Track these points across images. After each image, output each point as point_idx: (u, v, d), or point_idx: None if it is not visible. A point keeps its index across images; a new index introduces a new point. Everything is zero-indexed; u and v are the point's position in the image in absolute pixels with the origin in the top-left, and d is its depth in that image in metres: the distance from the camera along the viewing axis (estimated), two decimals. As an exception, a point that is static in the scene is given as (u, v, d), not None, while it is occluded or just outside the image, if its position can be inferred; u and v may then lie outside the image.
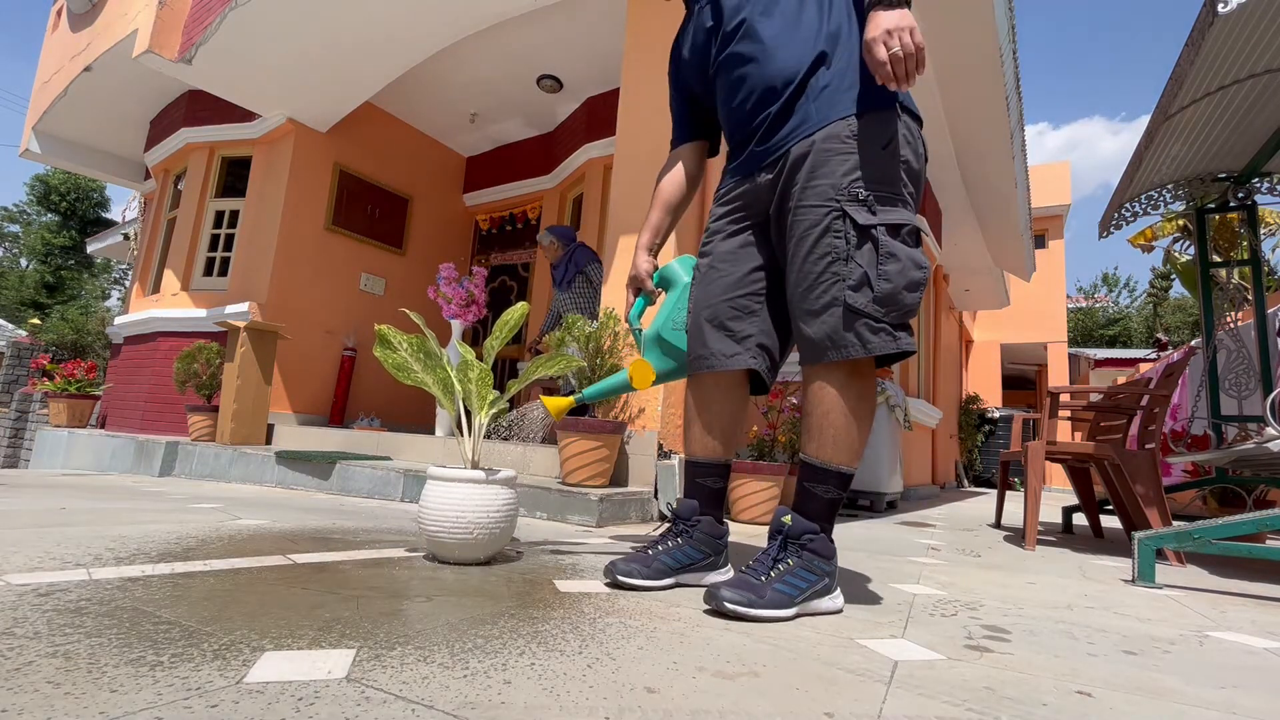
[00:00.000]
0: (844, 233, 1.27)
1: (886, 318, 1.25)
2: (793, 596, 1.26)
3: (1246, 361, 3.40)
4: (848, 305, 1.26)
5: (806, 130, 1.35)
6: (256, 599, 1.14)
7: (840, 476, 1.33)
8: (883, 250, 1.25)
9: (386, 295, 6.09)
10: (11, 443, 7.19)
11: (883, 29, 1.20)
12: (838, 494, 1.33)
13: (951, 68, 4.63)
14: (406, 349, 1.65)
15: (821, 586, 1.30)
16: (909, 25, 1.19)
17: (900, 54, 1.18)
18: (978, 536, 3.20)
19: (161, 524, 1.92)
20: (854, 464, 1.33)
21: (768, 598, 1.23)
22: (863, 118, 1.31)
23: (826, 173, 1.30)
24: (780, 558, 1.30)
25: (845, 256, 1.26)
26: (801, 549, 1.31)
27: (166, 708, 0.68)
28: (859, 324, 1.26)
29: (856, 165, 1.29)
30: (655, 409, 3.03)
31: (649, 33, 3.45)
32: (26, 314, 24.72)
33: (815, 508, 1.33)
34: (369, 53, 4.61)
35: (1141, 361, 12.57)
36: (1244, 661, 1.19)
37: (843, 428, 1.31)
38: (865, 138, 1.30)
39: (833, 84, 1.34)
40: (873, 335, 1.26)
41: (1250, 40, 2.57)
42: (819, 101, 1.34)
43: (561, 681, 0.85)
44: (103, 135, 7.00)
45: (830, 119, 1.33)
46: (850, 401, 1.31)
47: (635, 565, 1.42)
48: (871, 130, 1.31)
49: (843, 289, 1.26)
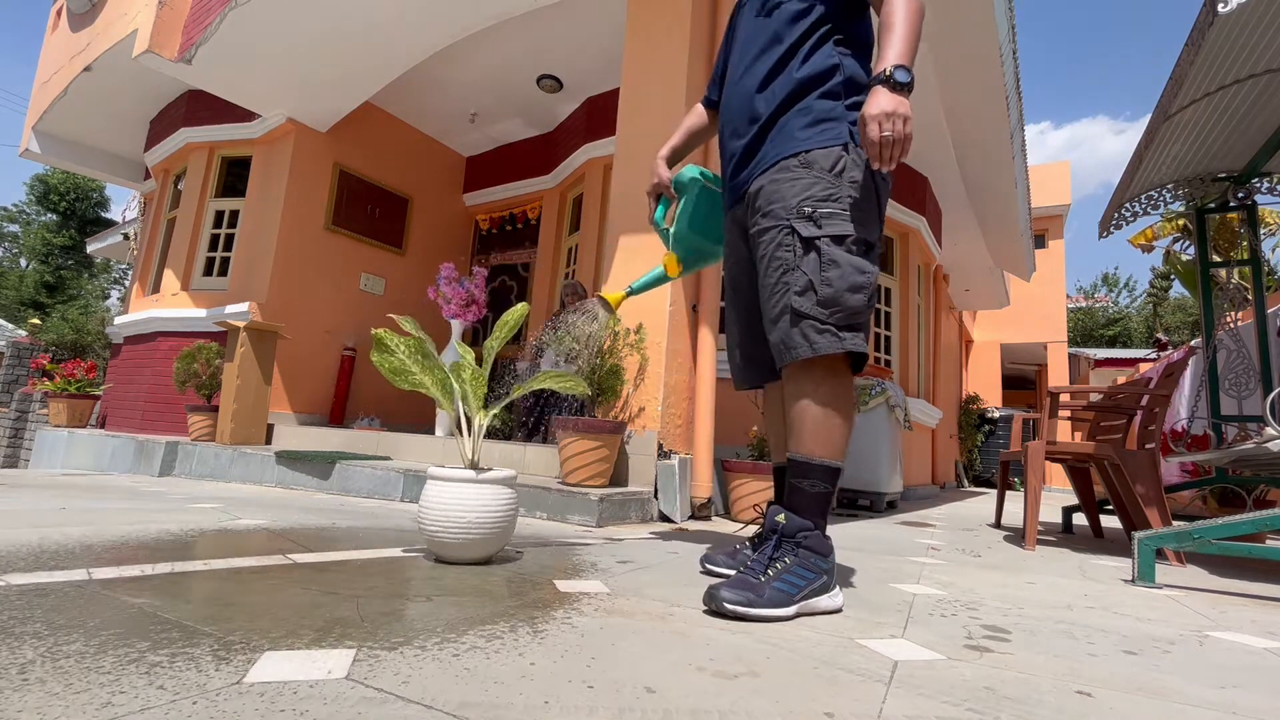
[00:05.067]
0: (792, 246, 1.39)
1: (831, 319, 1.35)
2: (791, 595, 1.27)
3: (1246, 361, 3.40)
4: (794, 309, 1.37)
5: (762, 167, 1.49)
6: (256, 599, 1.14)
7: (825, 470, 1.37)
8: (825, 258, 1.36)
9: (386, 295, 6.09)
10: (11, 442, 7.19)
11: (881, 110, 1.28)
12: (825, 488, 1.37)
13: (951, 68, 4.63)
14: (404, 351, 1.65)
15: (820, 584, 1.32)
16: (904, 114, 1.28)
17: (890, 139, 1.28)
18: (978, 536, 3.20)
19: (161, 524, 1.92)
20: (837, 458, 1.39)
21: (767, 596, 1.24)
22: (812, 150, 1.43)
23: (779, 197, 1.43)
24: (776, 556, 1.32)
25: (793, 266, 1.39)
26: (797, 546, 1.33)
27: (166, 707, 0.68)
28: (805, 325, 1.36)
29: (806, 187, 1.40)
30: (655, 409, 3.03)
31: (649, 33, 3.45)
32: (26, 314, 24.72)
33: (804, 502, 1.37)
34: (369, 52, 4.61)
35: (1141, 361, 12.56)
36: (1244, 661, 1.19)
37: (820, 422, 1.37)
38: (815, 163, 1.42)
39: (792, 123, 1.46)
40: (818, 336, 1.35)
41: (1250, 40, 2.57)
42: (777, 141, 1.48)
43: (561, 681, 0.85)
44: (102, 135, 7.00)
45: (784, 155, 1.45)
46: (824, 398, 1.38)
47: (723, 557, 1.63)
48: (821, 158, 1.42)
49: (790, 295, 1.38)
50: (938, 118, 5.33)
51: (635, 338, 3.06)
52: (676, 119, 3.20)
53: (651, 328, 3.09)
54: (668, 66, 3.32)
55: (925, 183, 6.58)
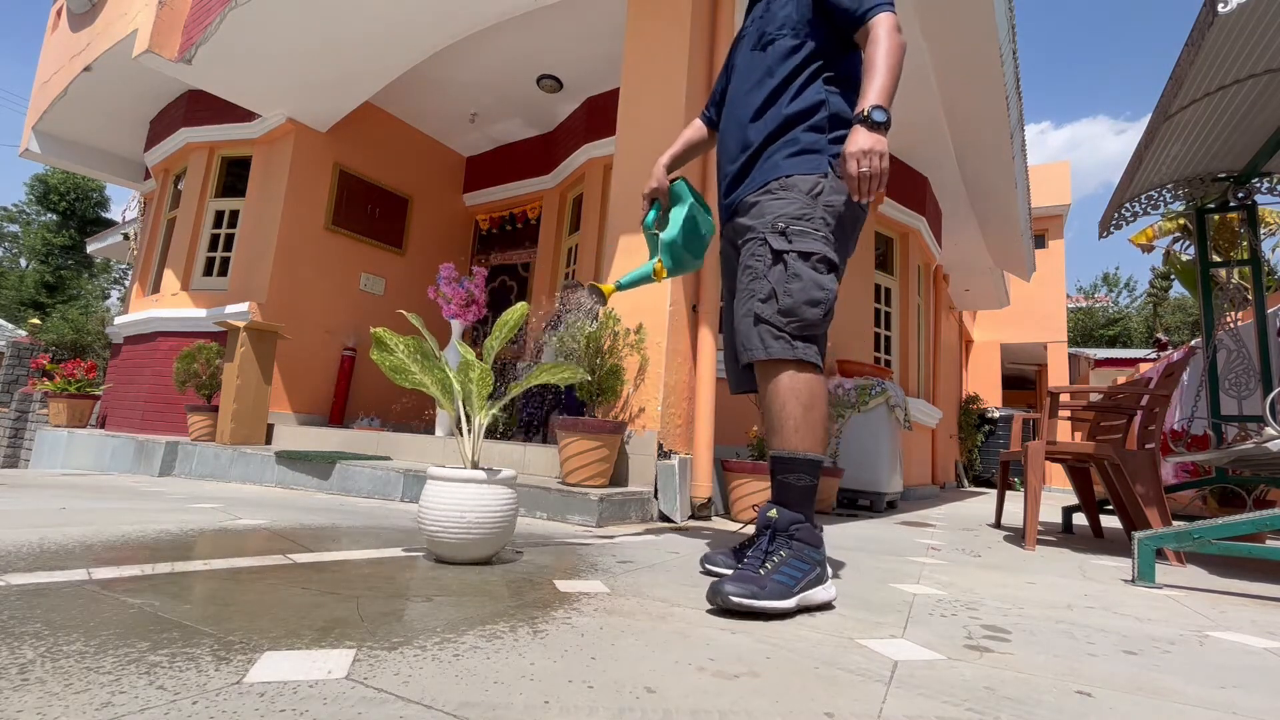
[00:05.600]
0: (763, 256, 1.53)
1: (787, 328, 1.47)
2: (791, 586, 1.32)
3: (1246, 361, 3.40)
4: (756, 314, 1.51)
5: (751, 189, 1.63)
6: (256, 599, 1.14)
7: (809, 463, 1.46)
8: (790, 271, 1.48)
9: (386, 295, 6.09)
10: (11, 442, 7.19)
11: (859, 148, 1.39)
12: (810, 480, 1.46)
13: (952, 68, 4.63)
14: (403, 350, 1.65)
15: (814, 576, 1.37)
16: (881, 150, 1.39)
17: (868, 174, 1.39)
18: (978, 536, 3.20)
19: (161, 524, 1.92)
20: (819, 450, 1.47)
21: (769, 589, 1.29)
22: (793, 175, 1.56)
23: (760, 213, 1.57)
24: (772, 550, 1.38)
25: (761, 275, 1.52)
26: (791, 539, 1.40)
27: (166, 707, 0.68)
28: (762, 329, 1.49)
29: (783, 206, 1.54)
30: (655, 409, 3.03)
31: (649, 33, 3.45)
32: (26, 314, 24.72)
33: (793, 496, 1.45)
34: (369, 52, 4.61)
35: (1141, 361, 12.57)
36: (1244, 661, 1.19)
37: (800, 417, 1.46)
38: (794, 186, 1.55)
39: (778, 153, 1.59)
40: (774, 341, 1.48)
41: (1250, 40, 2.57)
42: (765, 167, 1.61)
43: (561, 681, 0.85)
44: (103, 135, 6.99)
45: (770, 179, 1.59)
46: (803, 396, 1.47)
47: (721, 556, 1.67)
48: (800, 182, 1.55)
49: (754, 300, 1.52)
50: (938, 118, 5.33)
51: (635, 337, 3.06)
52: (676, 119, 3.21)
53: (651, 327, 3.09)
54: (667, 66, 3.33)
55: (925, 183, 6.58)
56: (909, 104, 5.12)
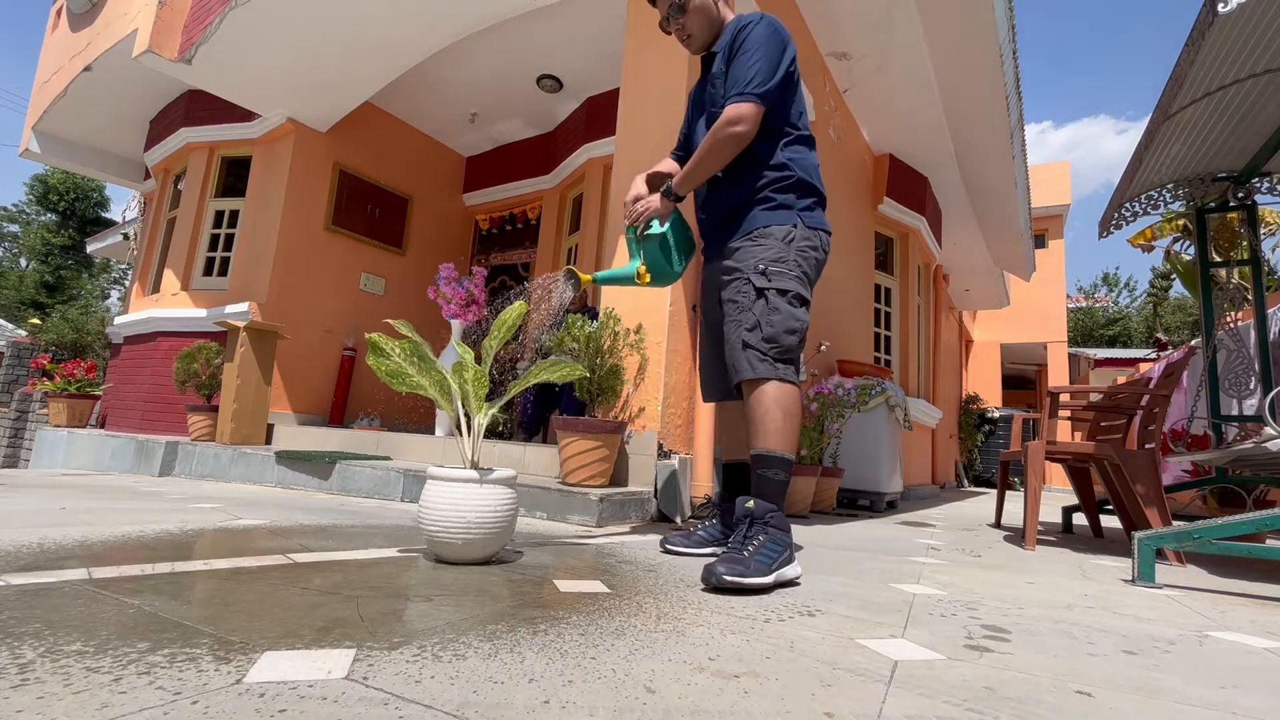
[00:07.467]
0: (748, 293, 1.79)
1: (770, 352, 1.73)
2: (768, 565, 1.54)
3: (1246, 361, 3.40)
4: (744, 341, 1.76)
5: (736, 236, 1.89)
6: (256, 599, 1.14)
7: (784, 461, 1.70)
8: (770, 305, 1.75)
9: (386, 295, 6.09)
10: (11, 442, 7.19)
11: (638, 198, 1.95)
12: (784, 476, 1.70)
13: (952, 68, 4.63)
14: (399, 354, 1.65)
15: (786, 556, 1.61)
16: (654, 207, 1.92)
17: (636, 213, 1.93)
18: (978, 536, 3.20)
19: (161, 524, 1.92)
20: (791, 451, 1.72)
21: (753, 568, 1.51)
22: (770, 226, 1.83)
23: (743, 257, 1.84)
24: (751, 535, 1.61)
25: (747, 308, 1.78)
26: (766, 525, 1.63)
27: (166, 707, 0.68)
28: (749, 353, 1.74)
29: (763, 251, 1.80)
30: (655, 409, 3.03)
31: (649, 33, 3.44)
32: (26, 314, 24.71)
33: (769, 489, 1.68)
34: (369, 52, 4.61)
35: (1141, 361, 12.57)
36: (1244, 661, 1.19)
37: (781, 422, 1.70)
38: (772, 235, 1.82)
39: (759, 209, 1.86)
40: (759, 363, 1.73)
41: (1250, 40, 2.57)
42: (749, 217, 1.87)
43: (561, 681, 0.85)
44: (102, 135, 6.99)
45: (754, 228, 1.85)
46: (785, 405, 1.72)
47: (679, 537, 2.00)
48: (777, 231, 1.82)
49: (742, 329, 1.77)
50: (938, 118, 5.33)
51: (635, 337, 3.06)
52: (677, 118, 3.20)
53: (651, 328, 3.09)
54: (667, 66, 3.32)
55: (925, 183, 6.58)
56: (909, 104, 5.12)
